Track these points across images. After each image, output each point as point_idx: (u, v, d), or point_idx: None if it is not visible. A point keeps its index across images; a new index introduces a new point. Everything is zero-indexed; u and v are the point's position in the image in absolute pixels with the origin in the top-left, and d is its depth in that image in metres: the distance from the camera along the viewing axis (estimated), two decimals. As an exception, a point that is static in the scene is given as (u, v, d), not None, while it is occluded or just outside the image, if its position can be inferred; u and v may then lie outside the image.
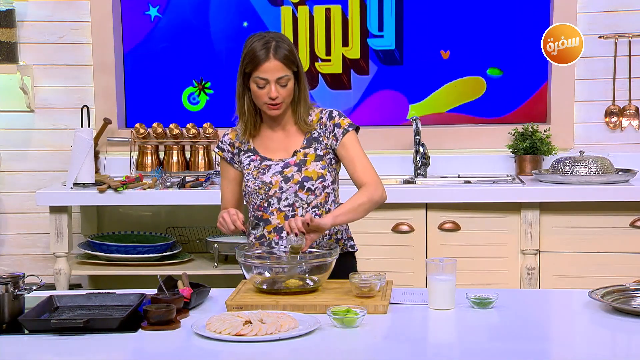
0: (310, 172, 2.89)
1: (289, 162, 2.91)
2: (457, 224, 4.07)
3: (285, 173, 2.89)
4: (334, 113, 2.95)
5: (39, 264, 4.60)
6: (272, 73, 2.82)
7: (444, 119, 4.62)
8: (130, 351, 2.26)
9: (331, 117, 2.93)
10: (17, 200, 4.61)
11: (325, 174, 2.90)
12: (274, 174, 2.90)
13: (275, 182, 2.89)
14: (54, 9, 4.56)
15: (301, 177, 2.88)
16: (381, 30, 4.58)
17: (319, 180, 2.89)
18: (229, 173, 3.01)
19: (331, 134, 2.92)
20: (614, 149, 4.45)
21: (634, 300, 2.56)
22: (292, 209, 2.88)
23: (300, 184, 2.88)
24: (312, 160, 2.90)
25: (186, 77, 4.69)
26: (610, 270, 3.98)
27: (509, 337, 2.32)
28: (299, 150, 2.92)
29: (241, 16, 4.63)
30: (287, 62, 2.84)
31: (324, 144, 2.93)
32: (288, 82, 2.85)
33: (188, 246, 4.45)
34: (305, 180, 2.88)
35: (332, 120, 2.92)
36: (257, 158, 2.94)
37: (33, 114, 4.60)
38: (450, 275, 2.52)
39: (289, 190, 2.88)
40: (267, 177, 2.90)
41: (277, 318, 2.32)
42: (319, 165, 2.90)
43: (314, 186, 2.88)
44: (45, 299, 2.53)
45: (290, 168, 2.90)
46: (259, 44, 2.84)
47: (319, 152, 2.92)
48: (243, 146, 2.97)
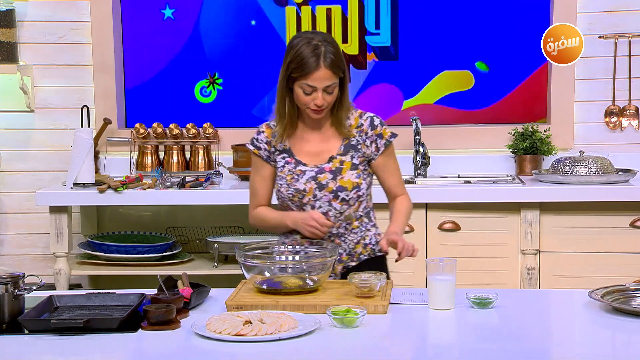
0: (346, 182, 2.83)
1: (323, 168, 2.85)
2: (457, 224, 4.07)
3: (320, 180, 2.84)
4: (376, 121, 2.88)
5: (39, 264, 4.60)
6: (321, 82, 2.76)
7: (435, 111, 4.64)
8: (130, 351, 2.25)
9: (373, 126, 2.86)
10: (17, 200, 4.61)
11: (361, 183, 2.85)
12: (307, 180, 2.84)
13: (310, 189, 2.83)
14: (54, 9, 4.56)
15: (336, 186, 2.83)
16: (378, 28, 4.63)
17: (354, 190, 2.84)
18: (264, 171, 2.93)
19: (372, 144, 2.86)
20: (614, 149, 4.45)
21: (634, 300, 2.56)
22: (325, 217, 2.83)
23: (335, 193, 2.83)
24: (348, 169, 2.84)
25: (195, 73, 4.70)
26: (610, 270, 3.98)
27: (509, 337, 2.32)
28: (335, 156, 2.86)
29: (249, 15, 4.66)
30: (336, 69, 2.77)
31: (362, 152, 2.87)
32: (334, 89, 2.79)
33: (188, 246, 4.45)
34: (340, 190, 2.83)
35: (375, 129, 2.86)
36: (292, 161, 2.88)
37: (33, 114, 4.60)
38: (450, 275, 2.52)
39: (323, 199, 2.83)
40: (300, 184, 2.84)
41: (277, 318, 2.32)
42: (354, 175, 2.84)
43: (348, 196, 2.83)
44: (45, 299, 2.53)
45: (325, 175, 2.84)
46: (308, 49, 2.75)
47: (355, 160, 2.86)
48: (279, 146, 2.90)
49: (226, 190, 4.12)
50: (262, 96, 4.71)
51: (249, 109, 4.72)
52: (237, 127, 4.67)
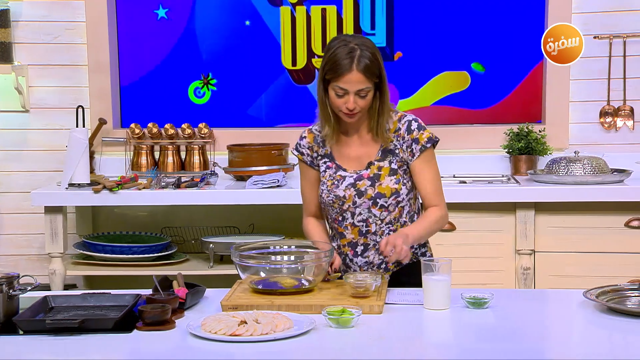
0: (384, 189, 2.79)
1: (362, 175, 2.82)
2: (452, 224, 4.07)
3: (359, 186, 2.81)
4: (413, 125, 2.82)
5: (34, 264, 4.60)
6: (353, 85, 2.72)
7: (432, 112, 4.65)
8: (125, 351, 2.25)
9: (410, 130, 2.80)
10: (12, 201, 4.61)
11: (400, 188, 2.80)
12: (347, 186, 2.82)
13: (349, 196, 2.81)
14: (49, 9, 4.56)
15: (374, 192, 2.80)
16: (373, 29, 4.63)
17: (392, 196, 2.80)
18: (310, 175, 2.92)
19: (408, 149, 2.81)
20: (609, 149, 4.46)
21: (629, 300, 2.56)
22: (365, 224, 2.82)
23: (374, 200, 2.80)
24: (386, 175, 2.80)
25: (189, 74, 4.70)
26: (605, 270, 3.99)
27: (504, 337, 2.32)
28: (373, 162, 2.82)
29: (243, 15, 4.66)
30: (369, 74, 2.72)
31: (400, 157, 2.81)
32: (368, 94, 2.74)
33: (183, 246, 4.45)
34: (379, 197, 2.79)
35: (411, 134, 2.80)
36: (332, 166, 2.86)
37: (28, 114, 4.60)
38: (445, 275, 2.53)
39: (362, 206, 2.81)
40: (340, 190, 2.82)
41: (273, 318, 2.32)
42: (392, 180, 2.80)
43: (387, 203, 2.80)
44: (40, 300, 2.53)
45: (364, 182, 2.81)
46: (343, 51, 2.73)
47: (394, 165, 2.81)
48: (320, 150, 2.89)
49: (221, 191, 4.12)
50: (258, 96, 4.70)
51: (245, 109, 4.71)
52: (233, 127, 4.67)
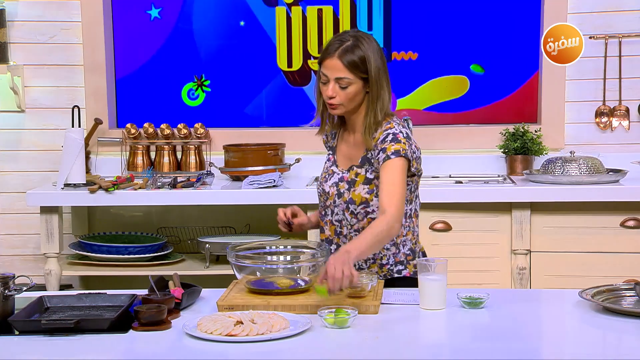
0: (356, 196, 2.77)
1: (344, 177, 2.82)
2: (448, 224, 4.07)
3: (340, 187, 2.81)
4: (389, 137, 2.72)
5: (29, 264, 4.59)
6: (333, 71, 2.69)
7: (424, 116, 4.65)
8: (121, 352, 2.25)
9: (385, 140, 2.72)
10: (7, 201, 4.60)
11: (371, 199, 2.76)
12: (332, 184, 2.83)
13: (332, 193, 2.82)
14: (44, 9, 4.55)
15: (349, 197, 2.79)
16: (370, 29, 4.62)
17: (361, 205, 2.77)
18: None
19: (376, 157, 2.74)
20: (605, 149, 4.46)
21: (624, 300, 2.56)
22: (340, 225, 2.82)
23: (347, 204, 2.80)
24: (361, 183, 2.77)
25: (182, 76, 4.69)
26: (600, 270, 3.99)
27: (500, 337, 2.32)
28: (353, 167, 2.81)
29: (238, 16, 4.65)
30: (351, 65, 2.68)
31: (374, 167, 2.77)
32: (349, 86, 2.70)
33: (179, 246, 4.45)
34: (350, 203, 2.79)
35: (383, 143, 2.72)
36: (332, 159, 2.89)
37: (23, 114, 4.59)
38: (441, 275, 2.53)
39: (340, 207, 2.81)
40: (327, 185, 2.84)
41: (269, 318, 2.32)
42: (365, 190, 2.77)
43: (356, 210, 2.78)
44: (36, 300, 2.52)
45: (343, 184, 2.81)
46: (336, 38, 2.74)
47: (369, 174, 2.77)
48: (330, 142, 2.92)
49: (217, 191, 4.12)
50: (253, 98, 4.69)
51: (240, 110, 4.70)
52: (229, 127, 4.67)
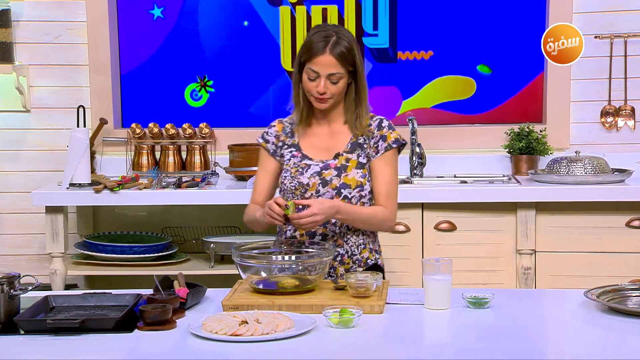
0: (350, 180, 2.80)
1: (329, 164, 2.83)
2: (453, 224, 4.07)
3: (324, 175, 2.82)
4: (384, 123, 2.85)
5: (34, 264, 4.60)
6: (325, 68, 2.75)
7: (432, 115, 4.64)
8: (125, 351, 2.25)
9: (380, 126, 2.83)
10: (12, 201, 4.61)
11: (365, 183, 2.81)
12: (312, 174, 2.83)
13: (313, 184, 2.82)
14: (49, 9, 4.56)
15: (340, 183, 2.81)
16: (376, 29, 4.61)
17: (357, 189, 2.81)
18: (268, 165, 2.92)
19: (374, 144, 2.82)
20: (610, 149, 4.45)
21: (630, 300, 2.56)
22: None
23: (338, 190, 2.81)
24: (354, 167, 2.82)
25: (186, 76, 4.69)
26: (605, 270, 3.98)
27: (505, 337, 2.32)
28: (341, 153, 2.84)
29: (241, 15, 4.65)
30: (342, 60, 2.76)
31: (367, 152, 2.83)
32: (340, 80, 2.77)
33: (184, 246, 4.45)
34: (344, 187, 2.80)
35: (381, 130, 2.82)
36: (298, 155, 2.88)
37: (29, 114, 4.60)
38: (446, 275, 2.53)
39: (326, 195, 2.81)
40: (304, 177, 2.83)
41: (273, 318, 2.32)
42: (359, 174, 2.81)
43: (350, 194, 2.80)
44: (41, 299, 2.53)
45: (330, 171, 2.82)
46: (319, 35, 2.77)
47: (362, 159, 2.83)
48: (288, 140, 2.91)
49: (222, 191, 4.12)
50: (258, 97, 4.69)
51: (246, 109, 4.70)
52: (234, 127, 4.67)
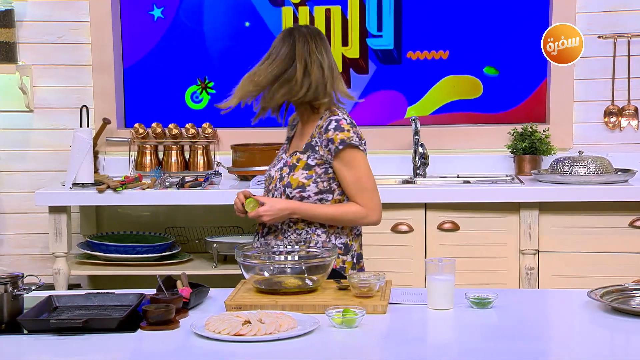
0: (293, 180, 2.88)
1: (287, 162, 2.93)
2: (456, 224, 4.07)
3: (282, 172, 2.93)
4: (331, 125, 2.85)
5: (38, 264, 4.60)
6: None
7: (439, 117, 4.63)
8: (129, 351, 2.25)
9: (327, 129, 2.85)
10: (16, 200, 4.61)
11: (308, 185, 2.86)
12: (278, 168, 2.95)
13: (275, 177, 2.94)
14: (53, 9, 4.56)
15: (287, 181, 2.89)
16: (380, 30, 4.60)
17: (297, 189, 2.86)
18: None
19: (326, 148, 2.86)
20: (613, 149, 4.45)
21: (633, 300, 2.56)
22: None
23: (284, 188, 2.89)
24: (301, 168, 2.88)
25: (188, 77, 4.70)
26: (609, 270, 3.98)
27: (508, 337, 2.32)
28: (296, 152, 2.93)
29: (243, 16, 4.64)
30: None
31: (319, 155, 2.87)
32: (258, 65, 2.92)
33: (187, 246, 4.45)
34: (287, 187, 2.88)
35: (327, 134, 2.84)
36: (285, 147, 3.03)
37: (32, 114, 4.60)
38: (449, 275, 2.52)
39: (278, 190, 2.92)
40: (273, 170, 2.97)
41: (276, 318, 2.32)
42: (303, 175, 2.87)
43: (291, 194, 2.87)
44: (44, 299, 2.53)
45: (285, 168, 2.92)
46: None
47: (311, 161, 2.88)
48: (289, 132, 3.07)
49: (225, 190, 4.12)
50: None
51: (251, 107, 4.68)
52: (237, 127, 4.67)
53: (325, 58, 2.88)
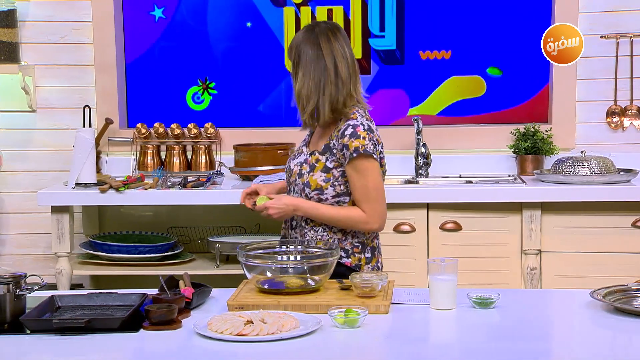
0: (312, 181, 2.88)
1: (307, 159, 2.92)
2: (458, 224, 4.07)
3: (303, 168, 2.92)
4: (348, 131, 2.83)
5: (40, 263, 4.61)
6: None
7: (443, 119, 4.62)
8: (131, 351, 2.26)
9: (343, 134, 2.83)
10: (18, 200, 4.62)
11: (326, 187, 2.86)
12: (298, 163, 2.95)
13: (295, 172, 2.94)
14: (55, 9, 4.56)
15: (306, 180, 2.89)
16: (383, 31, 4.59)
17: (315, 191, 2.87)
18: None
19: (340, 152, 2.85)
20: (616, 149, 4.45)
21: (636, 300, 2.56)
22: None
23: (303, 187, 2.90)
24: (319, 169, 2.87)
25: (190, 77, 4.70)
26: (611, 270, 3.98)
27: (510, 337, 2.32)
28: (315, 152, 2.91)
29: (244, 17, 4.64)
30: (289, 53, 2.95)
31: (336, 158, 2.87)
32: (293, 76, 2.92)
33: (189, 246, 4.45)
34: (307, 186, 2.89)
35: (342, 139, 2.83)
36: (307, 139, 3.02)
37: (35, 114, 4.61)
38: (451, 275, 2.52)
39: (298, 186, 2.92)
40: (293, 163, 2.97)
41: (279, 318, 2.32)
42: (322, 177, 2.87)
43: (309, 195, 2.88)
44: (47, 299, 2.53)
45: (305, 166, 2.91)
46: None
47: (329, 163, 2.87)
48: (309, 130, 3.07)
49: (228, 190, 4.12)
50: (260, 99, 4.68)
51: (247, 113, 4.68)
52: (239, 127, 4.67)
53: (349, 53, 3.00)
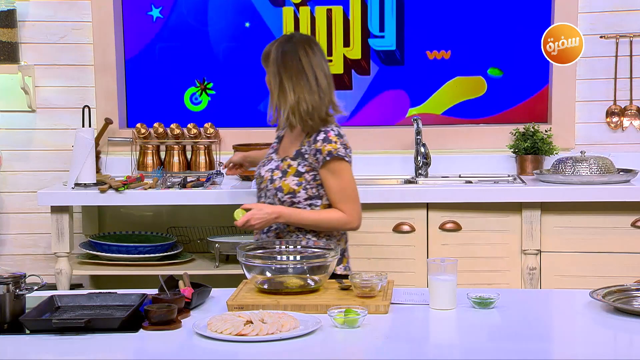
0: (285, 185, 2.98)
1: (279, 165, 3.02)
2: (458, 224, 4.07)
3: (274, 174, 3.01)
4: (320, 136, 2.97)
5: (40, 263, 4.60)
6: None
7: (443, 119, 4.62)
8: (131, 351, 2.26)
9: (316, 140, 2.97)
10: (18, 200, 4.62)
11: (299, 191, 2.97)
12: (269, 169, 3.04)
13: (266, 178, 3.03)
14: (55, 9, 4.56)
15: (278, 185, 2.98)
16: (382, 31, 4.59)
17: (288, 195, 2.97)
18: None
19: (314, 157, 2.97)
20: (616, 149, 4.45)
21: (635, 300, 2.56)
22: None
23: (276, 191, 2.99)
24: (292, 174, 2.98)
25: (188, 77, 4.69)
26: (611, 271, 3.98)
27: (510, 337, 2.32)
28: (286, 158, 3.02)
29: (243, 17, 4.63)
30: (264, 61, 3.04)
31: (309, 162, 2.98)
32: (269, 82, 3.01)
33: (189, 246, 4.45)
34: (280, 191, 2.98)
35: (315, 144, 2.96)
36: (275, 147, 3.11)
37: (34, 114, 4.60)
38: (451, 275, 2.53)
39: (270, 191, 3.01)
40: (263, 170, 3.05)
41: (279, 318, 2.32)
42: (294, 181, 2.97)
43: (282, 199, 2.98)
44: (47, 299, 2.53)
45: (277, 172, 3.01)
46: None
47: (301, 168, 2.99)
48: (279, 132, 3.16)
49: (227, 190, 4.12)
50: (259, 99, 4.67)
51: (246, 113, 4.68)
52: (238, 127, 4.67)
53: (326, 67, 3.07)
